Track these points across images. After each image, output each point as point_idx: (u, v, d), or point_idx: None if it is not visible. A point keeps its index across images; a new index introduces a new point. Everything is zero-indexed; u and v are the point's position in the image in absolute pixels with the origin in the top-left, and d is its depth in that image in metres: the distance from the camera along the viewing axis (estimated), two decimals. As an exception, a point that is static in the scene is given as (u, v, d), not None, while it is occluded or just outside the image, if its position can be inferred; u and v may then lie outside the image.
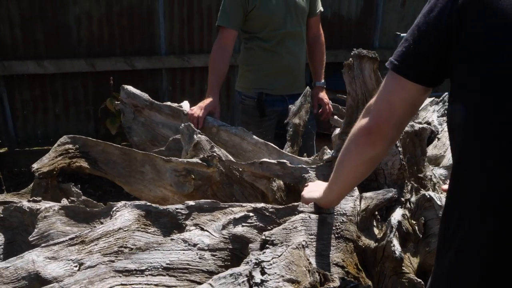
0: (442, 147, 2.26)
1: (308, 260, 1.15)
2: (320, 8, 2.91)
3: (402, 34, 4.62)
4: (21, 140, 4.40)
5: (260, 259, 1.06)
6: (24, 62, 4.17)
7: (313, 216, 1.37)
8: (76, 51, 4.31)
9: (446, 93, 2.59)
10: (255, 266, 1.04)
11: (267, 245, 1.22)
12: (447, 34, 0.98)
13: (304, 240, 1.21)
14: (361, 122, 1.17)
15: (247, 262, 1.08)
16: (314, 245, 1.32)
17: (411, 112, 1.13)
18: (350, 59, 1.75)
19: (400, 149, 1.64)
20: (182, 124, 2.15)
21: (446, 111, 2.78)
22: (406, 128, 1.76)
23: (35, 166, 2.09)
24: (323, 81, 2.98)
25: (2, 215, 1.78)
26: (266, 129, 2.83)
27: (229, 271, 1.08)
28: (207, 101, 2.53)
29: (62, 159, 2.14)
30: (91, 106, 4.49)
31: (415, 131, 1.74)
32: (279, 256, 1.10)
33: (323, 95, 2.94)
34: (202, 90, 4.71)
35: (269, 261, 1.06)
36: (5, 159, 4.31)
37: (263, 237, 1.26)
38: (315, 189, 1.49)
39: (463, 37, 0.96)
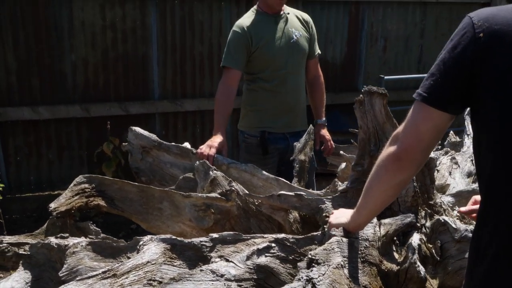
0: (441, 178, 2.39)
1: (348, 278, 1.23)
2: (318, 50, 3.08)
3: (385, 77, 4.87)
4: (13, 187, 4.38)
5: (310, 276, 1.14)
6: (19, 108, 4.22)
7: (344, 239, 1.46)
8: (71, 97, 4.38)
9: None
10: (307, 283, 1.12)
11: (312, 264, 1.30)
12: (472, 68, 1.11)
13: (342, 261, 1.29)
14: (390, 149, 1.28)
15: (299, 279, 1.16)
16: (347, 267, 1.40)
17: (437, 138, 1.24)
18: (361, 95, 1.89)
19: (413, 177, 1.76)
20: (197, 162, 2.23)
21: (440, 146, 2.94)
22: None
23: (52, 205, 2.12)
24: (324, 119, 3.11)
25: (28, 253, 1.80)
26: (269, 167, 2.92)
27: (287, 286, 1.15)
28: (215, 139, 2.62)
29: (79, 198, 2.18)
30: (84, 151, 4.53)
31: (424, 161, 1.87)
32: (323, 274, 1.18)
33: (325, 132, 3.07)
34: (194, 133, 4.81)
35: (316, 278, 1.14)
36: (-3, 206, 4.27)
37: (309, 256, 1.34)
38: (341, 215, 1.59)
39: (486, 70, 1.09)
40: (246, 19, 2.85)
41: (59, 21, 4.23)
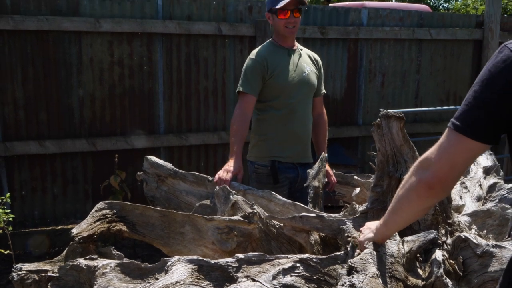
0: (453, 201, 2.45)
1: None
2: (324, 90, 3.23)
3: (385, 110, 4.98)
4: (17, 221, 4.36)
5: (352, 281, 1.18)
6: (26, 142, 4.26)
7: (374, 252, 1.50)
8: (77, 131, 4.44)
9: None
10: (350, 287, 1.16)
11: (352, 271, 1.34)
12: (508, 98, 1.14)
13: (377, 271, 1.34)
14: (421, 175, 1.31)
15: (342, 284, 1.20)
16: (380, 278, 1.44)
17: (470, 165, 1.32)
18: (378, 119, 1.97)
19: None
20: (217, 187, 2.28)
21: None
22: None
23: (74, 231, 2.14)
24: (326, 154, 3.20)
25: (57, 274, 1.82)
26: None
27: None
28: (231, 163, 2.68)
29: (100, 224, 2.21)
30: (89, 185, 4.55)
31: (441, 181, 1.94)
32: (362, 281, 1.22)
33: (327, 167, 3.13)
34: (198, 167, 4.86)
35: (358, 284, 1.18)
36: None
37: (349, 263, 1.38)
38: (367, 231, 1.64)
39: None
40: (263, 49, 2.98)
41: (68, 57, 4.34)
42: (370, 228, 1.63)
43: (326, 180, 3.12)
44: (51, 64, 4.30)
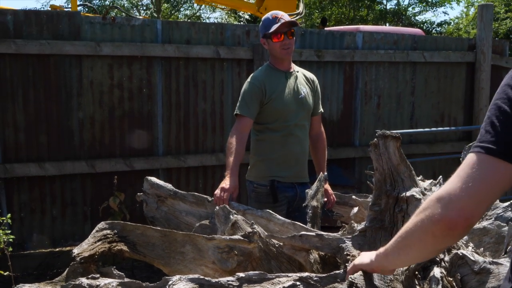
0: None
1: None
2: (321, 109, 3.28)
3: (382, 131, 5.05)
4: (16, 243, 4.35)
5: (353, 296, 1.21)
6: (26, 164, 4.29)
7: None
8: (77, 153, 4.47)
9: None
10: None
11: (353, 287, 1.37)
12: None
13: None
14: (442, 212, 1.09)
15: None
16: (379, 296, 1.47)
17: (500, 196, 1.10)
18: (376, 139, 2.02)
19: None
20: (217, 207, 2.31)
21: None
22: (430, 198, 1.99)
23: (75, 251, 2.16)
24: (326, 173, 3.25)
25: (60, 294, 1.83)
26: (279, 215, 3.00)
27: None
28: (227, 182, 2.73)
29: (101, 244, 2.23)
30: (88, 207, 4.56)
31: (437, 200, 1.98)
32: (363, 297, 1.25)
33: (327, 186, 3.17)
34: (197, 188, 4.88)
35: (359, 299, 1.21)
36: (-2, 263, 4.22)
37: (350, 279, 1.41)
38: (365, 257, 1.49)
39: None
40: (260, 73, 3.04)
41: (69, 80, 4.40)
42: (367, 255, 1.45)
43: (325, 198, 3.17)
44: (52, 87, 4.36)
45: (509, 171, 1.03)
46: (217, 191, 2.67)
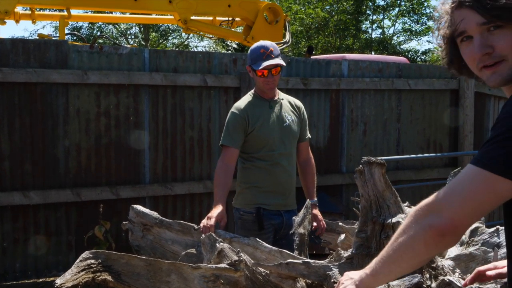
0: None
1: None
2: (309, 135, 3.28)
3: (367, 157, 5.08)
4: (-3, 274, 4.26)
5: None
6: (10, 193, 4.23)
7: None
8: (62, 182, 4.43)
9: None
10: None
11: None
12: None
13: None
14: (432, 221, 1.13)
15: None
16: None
17: (493, 209, 1.15)
18: (361, 166, 2.04)
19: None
20: (203, 235, 2.30)
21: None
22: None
23: (58, 281, 2.12)
24: (315, 199, 3.23)
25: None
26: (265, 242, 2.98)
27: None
28: (215, 210, 2.72)
29: (85, 274, 2.19)
30: (73, 236, 4.49)
31: (423, 226, 1.98)
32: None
33: (317, 212, 3.13)
34: (184, 217, 4.84)
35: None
36: (-21, 295, 4.12)
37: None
38: (350, 282, 1.42)
39: None
40: (244, 102, 3.05)
41: (55, 108, 4.39)
42: (352, 278, 1.41)
43: (315, 224, 3.14)
44: (38, 115, 4.34)
45: (507, 187, 1.07)
46: (204, 220, 2.66)
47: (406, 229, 1.18)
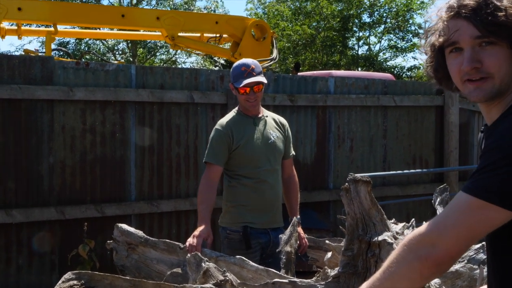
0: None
1: None
2: (293, 152, 3.28)
3: (353, 175, 5.09)
4: (-22, 295, 4.16)
5: None
6: (-8, 212, 4.15)
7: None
8: (46, 199, 4.36)
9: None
10: None
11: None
12: None
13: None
14: (427, 252, 1.12)
15: None
16: None
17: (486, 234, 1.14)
18: (347, 184, 2.03)
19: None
20: (188, 254, 2.27)
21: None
22: (402, 242, 1.98)
23: (40, 303, 2.08)
24: (298, 216, 3.19)
25: None
26: (252, 261, 2.95)
27: None
28: (200, 229, 2.69)
29: (67, 295, 2.15)
30: (57, 255, 4.41)
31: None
32: None
33: (300, 230, 3.08)
34: (170, 234, 4.79)
35: None
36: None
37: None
38: None
39: None
40: (228, 119, 3.05)
41: (40, 125, 4.34)
42: None
43: (298, 243, 3.13)
44: (22, 131, 4.29)
45: (501, 215, 1.07)
46: (189, 239, 2.63)
47: (400, 258, 1.16)
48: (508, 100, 1.18)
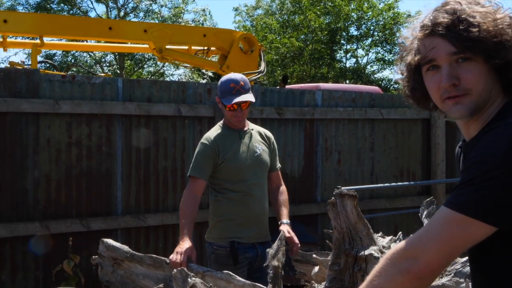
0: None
1: None
2: (279, 164, 3.28)
3: (343, 188, 5.10)
4: (-41, 312, 4.06)
5: None
6: (-25, 227, 4.08)
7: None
8: (31, 214, 4.30)
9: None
10: None
11: None
12: None
13: None
14: (409, 266, 1.13)
15: None
16: None
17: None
18: (333, 198, 2.03)
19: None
20: (174, 270, 2.24)
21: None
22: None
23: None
24: (288, 220, 3.06)
25: None
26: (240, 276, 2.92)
27: None
28: (183, 245, 2.66)
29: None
30: (41, 271, 4.33)
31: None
32: None
33: (289, 231, 2.95)
34: (156, 248, 4.74)
35: None
36: None
37: None
38: None
39: None
40: (214, 133, 3.04)
41: (25, 138, 4.29)
42: None
43: (284, 257, 3.05)
44: (6, 145, 4.23)
45: (484, 231, 1.08)
46: (173, 256, 2.60)
47: (383, 272, 1.17)
48: (486, 116, 1.19)
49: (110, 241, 2.70)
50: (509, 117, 1.13)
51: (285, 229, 2.95)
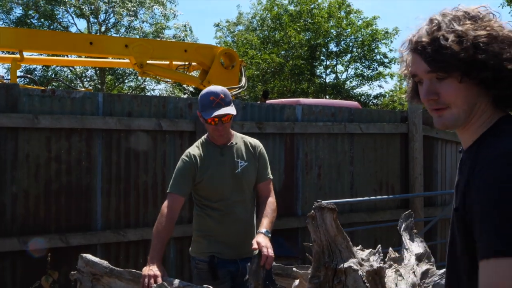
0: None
1: None
2: (270, 175, 3.13)
3: (323, 201, 5.14)
4: None
5: None
6: (-50, 243, 4.00)
7: None
8: (8, 230, 4.23)
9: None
10: None
11: None
12: None
13: None
14: None
15: None
16: None
17: None
18: (312, 211, 2.06)
19: (367, 285, 1.88)
20: (154, 285, 2.24)
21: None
22: (367, 268, 2.02)
23: None
24: (266, 230, 2.83)
25: None
26: (221, 293, 2.90)
27: None
28: (153, 267, 2.63)
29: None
30: (18, 287, 4.26)
31: (374, 270, 2.01)
32: None
33: (262, 240, 2.72)
34: (136, 264, 4.69)
35: None
36: None
37: None
38: None
39: None
40: (195, 150, 2.99)
41: (3, 153, 4.24)
42: None
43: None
44: (-16, 160, 4.18)
45: None
46: (145, 281, 2.56)
47: None
48: (477, 125, 1.23)
49: (89, 256, 2.68)
50: (498, 140, 1.17)
51: (255, 240, 2.73)
